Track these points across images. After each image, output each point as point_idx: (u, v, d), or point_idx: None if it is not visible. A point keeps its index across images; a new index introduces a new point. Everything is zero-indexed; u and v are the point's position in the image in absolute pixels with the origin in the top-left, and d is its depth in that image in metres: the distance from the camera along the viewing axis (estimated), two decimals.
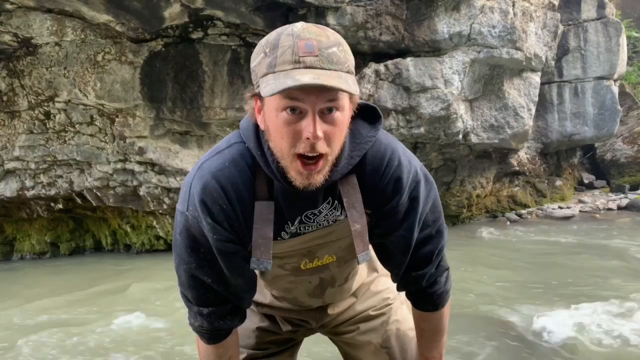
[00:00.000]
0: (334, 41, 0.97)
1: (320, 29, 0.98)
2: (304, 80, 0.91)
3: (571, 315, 3.79)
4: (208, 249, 1.10)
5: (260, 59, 0.99)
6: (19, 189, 7.36)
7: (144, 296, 5.19)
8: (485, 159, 8.44)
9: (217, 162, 1.09)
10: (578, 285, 4.76)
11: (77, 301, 5.16)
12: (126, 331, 4.06)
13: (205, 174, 1.08)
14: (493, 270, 5.54)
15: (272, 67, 0.95)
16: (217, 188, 1.06)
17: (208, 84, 6.66)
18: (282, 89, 0.91)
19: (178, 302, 4.75)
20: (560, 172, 10.63)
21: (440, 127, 6.97)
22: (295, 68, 0.93)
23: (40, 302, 5.14)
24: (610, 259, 5.77)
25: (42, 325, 4.38)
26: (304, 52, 0.93)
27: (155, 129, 6.85)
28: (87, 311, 4.78)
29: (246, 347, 1.44)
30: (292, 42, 0.94)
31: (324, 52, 0.94)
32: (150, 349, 3.64)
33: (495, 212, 9.39)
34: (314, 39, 0.95)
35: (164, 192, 7.21)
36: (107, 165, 7.07)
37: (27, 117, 6.97)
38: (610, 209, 9.63)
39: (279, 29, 1.00)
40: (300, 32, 0.95)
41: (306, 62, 0.93)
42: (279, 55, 0.94)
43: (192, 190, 1.08)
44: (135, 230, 8.02)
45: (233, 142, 1.11)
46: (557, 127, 9.53)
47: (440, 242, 1.25)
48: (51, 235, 8.20)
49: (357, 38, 6.54)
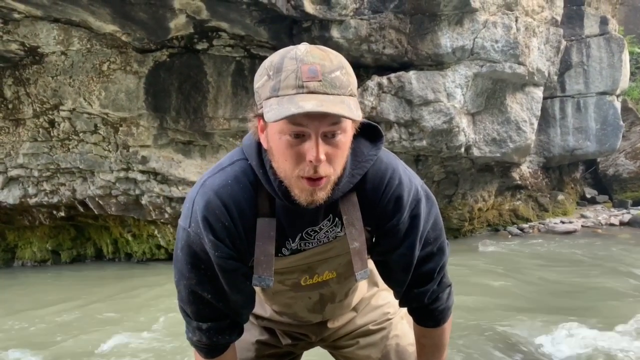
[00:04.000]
0: (337, 65, 0.97)
1: (323, 51, 0.98)
2: (308, 108, 0.92)
3: (573, 332, 3.77)
4: (209, 265, 1.11)
5: (263, 81, 0.99)
6: (22, 196, 7.38)
7: (142, 307, 5.17)
8: (487, 173, 8.44)
9: (220, 180, 1.10)
10: (579, 301, 4.74)
11: (75, 310, 5.14)
12: (123, 342, 4.05)
13: (208, 191, 1.09)
14: (494, 285, 5.52)
15: (276, 90, 0.96)
16: (219, 205, 1.07)
17: (212, 94, 6.70)
18: (286, 116, 0.92)
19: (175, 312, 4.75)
20: (562, 187, 10.62)
21: (443, 141, 6.98)
22: (299, 93, 0.94)
23: (37, 310, 5.13)
24: (612, 276, 5.74)
25: (37, 333, 4.37)
26: (308, 77, 0.94)
27: (158, 138, 6.88)
28: (84, 320, 4.76)
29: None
30: (295, 67, 0.95)
31: (327, 76, 0.95)
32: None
33: (497, 226, 9.37)
34: (317, 63, 0.95)
35: (165, 202, 7.22)
36: (109, 174, 7.09)
37: (32, 125, 7.02)
38: (613, 224, 9.60)
39: (282, 50, 1.00)
40: (304, 56, 0.95)
41: (309, 87, 0.94)
42: (283, 79, 0.95)
43: (195, 207, 1.09)
44: (137, 239, 8.02)
45: (236, 160, 1.12)
46: (559, 141, 9.54)
47: (441, 259, 1.26)
48: (52, 243, 8.21)
49: (361, 51, 6.59)
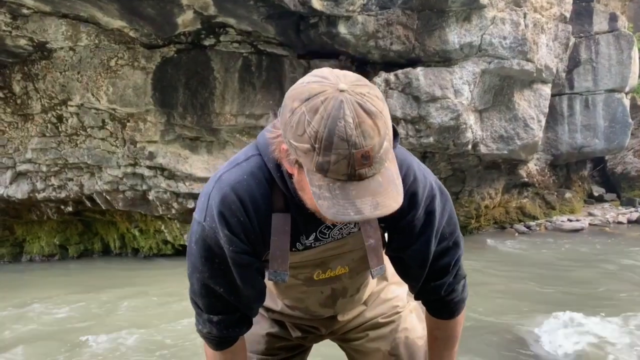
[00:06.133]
0: (383, 132, 0.90)
1: (373, 118, 0.88)
2: (366, 213, 0.90)
3: (579, 328, 3.77)
4: (223, 259, 1.11)
5: (305, 149, 0.89)
6: (30, 191, 7.43)
7: (147, 303, 5.20)
8: (494, 170, 8.41)
9: (236, 175, 1.09)
10: (587, 298, 4.72)
11: (80, 305, 5.17)
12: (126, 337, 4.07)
13: (224, 186, 1.08)
14: (501, 282, 5.51)
15: (324, 170, 0.90)
16: (235, 200, 1.07)
17: (219, 90, 6.71)
18: (343, 219, 0.90)
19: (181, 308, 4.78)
20: (569, 185, 10.56)
21: (450, 137, 6.96)
22: (351, 180, 0.90)
23: (43, 304, 5.16)
24: (620, 273, 5.72)
25: (42, 327, 4.40)
26: (360, 164, 0.89)
27: (165, 134, 6.90)
28: (90, 315, 4.79)
29: (256, 352, 1.45)
30: (347, 152, 0.87)
31: (377, 156, 0.90)
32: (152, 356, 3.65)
33: (504, 223, 9.34)
34: (369, 146, 0.88)
35: (172, 197, 7.25)
36: (117, 169, 7.12)
37: (40, 120, 7.06)
38: (621, 222, 9.55)
39: (325, 109, 0.87)
40: (356, 137, 0.87)
41: (361, 174, 0.90)
42: (333, 162, 0.88)
43: (211, 201, 1.09)
44: (144, 234, 8.06)
45: (251, 155, 1.12)
46: (567, 139, 9.48)
47: (457, 252, 1.26)
48: (60, 238, 8.26)
49: (368, 47, 6.57)
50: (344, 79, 0.91)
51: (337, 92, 0.88)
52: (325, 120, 0.87)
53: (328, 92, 0.88)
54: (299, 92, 0.91)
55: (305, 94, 0.90)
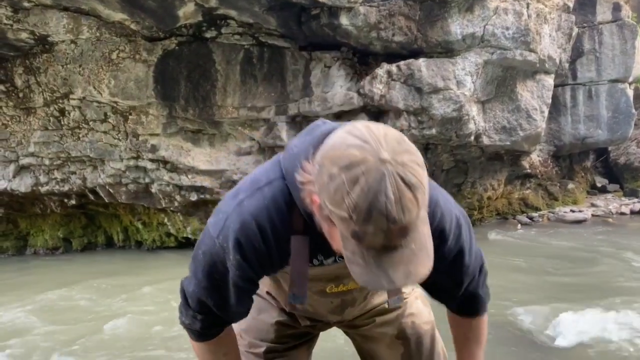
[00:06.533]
0: (422, 204, 0.88)
1: (412, 190, 0.85)
2: (398, 283, 0.90)
3: (583, 319, 3.77)
4: (223, 277, 1.12)
5: (342, 215, 0.87)
6: (33, 185, 7.45)
7: (151, 294, 5.23)
8: (497, 161, 8.40)
9: (258, 202, 1.08)
10: (590, 289, 4.73)
11: (85, 296, 5.21)
12: (130, 328, 4.11)
13: (245, 213, 1.07)
14: (504, 273, 5.51)
15: (360, 239, 0.89)
16: (254, 230, 1.07)
17: (221, 82, 6.70)
18: (375, 289, 0.93)
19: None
20: (572, 176, 10.55)
21: (452, 129, 6.95)
22: (386, 251, 0.89)
23: (48, 296, 5.20)
24: (623, 264, 5.72)
25: (47, 318, 4.44)
26: (396, 237, 0.88)
27: (167, 127, 6.91)
28: (94, 305, 4.83)
29: (266, 340, 1.47)
30: (385, 227, 0.86)
31: (413, 229, 0.89)
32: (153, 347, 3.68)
33: (506, 215, 9.34)
34: (407, 221, 0.86)
35: (175, 190, 7.27)
36: (119, 163, 7.14)
37: (43, 113, 7.07)
38: (623, 213, 9.54)
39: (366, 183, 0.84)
40: (396, 213, 0.85)
41: (396, 245, 0.89)
42: (370, 233, 0.87)
43: (229, 223, 1.08)
44: (147, 227, 8.09)
45: (273, 179, 1.09)
46: (570, 129, 9.45)
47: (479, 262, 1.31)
48: (64, 231, 8.29)
49: (370, 38, 6.55)
50: (385, 143, 0.86)
51: (379, 162, 0.84)
52: (366, 193, 0.84)
53: (369, 162, 0.84)
54: (337, 157, 0.87)
55: (345, 160, 0.85)
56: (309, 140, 1.03)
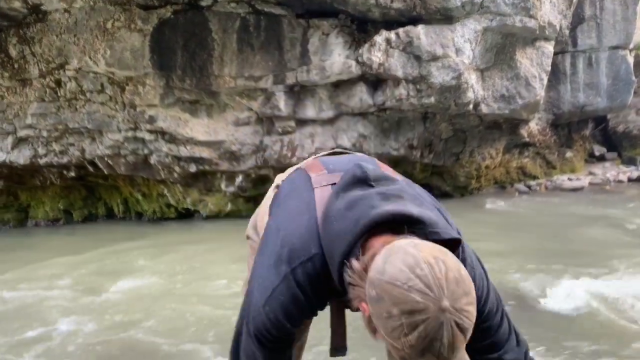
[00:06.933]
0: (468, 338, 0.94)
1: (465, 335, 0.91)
2: None
3: (581, 285, 3.83)
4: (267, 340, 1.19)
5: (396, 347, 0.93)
6: (32, 157, 7.45)
7: (149, 262, 5.31)
8: (496, 130, 8.38)
9: (303, 278, 1.13)
10: (587, 255, 4.79)
11: (85, 265, 5.28)
12: (130, 294, 4.18)
13: (292, 288, 1.13)
14: (501, 241, 5.58)
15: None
16: (302, 300, 1.14)
17: (217, 52, 6.63)
18: None
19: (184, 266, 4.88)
20: (571, 144, 10.55)
21: (451, 97, 6.91)
22: None
23: (50, 266, 5.27)
24: (619, 231, 5.79)
25: (49, 287, 4.51)
26: None
27: (165, 97, 6.87)
28: (95, 274, 4.90)
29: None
30: None
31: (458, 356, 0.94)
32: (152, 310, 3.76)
33: (504, 183, 9.38)
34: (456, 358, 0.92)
35: (174, 161, 7.27)
36: (118, 134, 7.12)
37: (39, 85, 7.01)
38: (621, 181, 9.59)
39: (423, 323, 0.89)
40: (447, 355, 0.91)
41: None
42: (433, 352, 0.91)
43: (276, 294, 1.14)
44: (147, 198, 8.12)
45: (313, 255, 1.13)
46: (569, 97, 9.40)
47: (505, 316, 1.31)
48: (64, 203, 8.33)
49: (368, 5, 6.45)
50: (446, 289, 0.89)
51: (439, 311, 0.88)
52: (423, 339, 0.88)
53: (431, 311, 0.88)
54: (399, 299, 0.89)
55: (407, 306, 0.89)
56: (351, 222, 1.04)
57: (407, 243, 0.96)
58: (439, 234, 1.04)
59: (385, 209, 1.03)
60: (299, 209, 1.22)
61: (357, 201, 1.08)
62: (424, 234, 1.02)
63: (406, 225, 1.02)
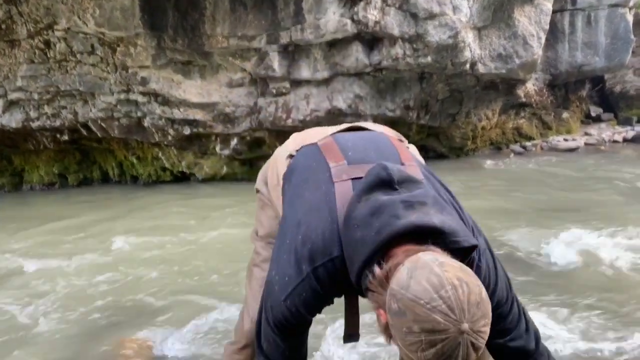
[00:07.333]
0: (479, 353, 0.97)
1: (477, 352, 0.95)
2: None
3: (576, 241, 3.89)
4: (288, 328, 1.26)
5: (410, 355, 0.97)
6: (24, 120, 7.37)
7: (146, 223, 5.33)
8: (492, 90, 8.32)
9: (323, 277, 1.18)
10: (581, 213, 4.84)
11: (80, 228, 5.29)
12: (128, 257, 4.20)
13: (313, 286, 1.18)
14: (496, 199, 5.62)
15: None
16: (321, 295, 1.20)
17: (209, 11, 6.48)
18: None
19: (180, 225, 4.91)
20: (567, 105, 10.51)
21: (448, 57, 6.82)
22: None
23: (45, 230, 5.28)
24: (613, 189, 5.83)
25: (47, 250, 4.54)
26: None
27: (157, 58, 6.74)
28: (90, 237, 4.91)
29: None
30: None
31: None
32: (148, 269, 3.80)
33: (500, 144, 9.39)
34: None
35: (168, 124, 7.21)
36: (110, 96, 7.03)
37: (27, 46, 6.86)
38: (616, 141, 9.61)
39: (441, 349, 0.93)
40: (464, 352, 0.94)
41: None
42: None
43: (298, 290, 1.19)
44: (141, 161, 8.09)
45: (335, 257, 1.16)
46: (567, 57, 9.31)
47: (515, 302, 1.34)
48: (59, 167, 8.29)
49: None
50: (467, 312, 0.92)
51: (458, 333, 0.91)
52: (439, 356, 0.92)
53: (450, 332, 0.91)
54: (421, 317, 0.92)
55: (428, 325, 0.92)
56: (374, 231, 1.06)
57: (432, 260, 0.97)
58: (459, 242, 1.07)
59: (409, 219, 1.05)
60: (319, 204, 1.23)
61: (381, 208, 1.08)
62: (445, 243, 1.05)
63: (428, 235, 1.05)
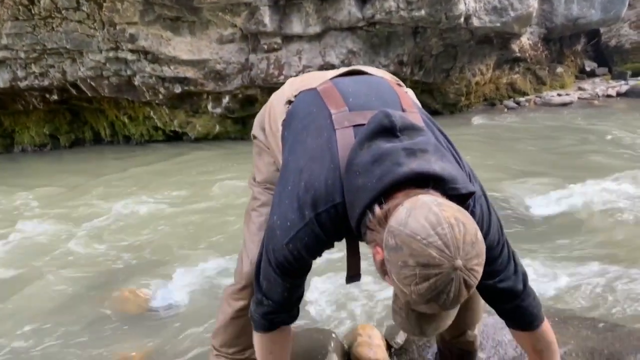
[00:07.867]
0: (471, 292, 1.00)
1: (468, 290, 0.97)
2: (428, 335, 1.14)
3: (568, 192, 3.98)
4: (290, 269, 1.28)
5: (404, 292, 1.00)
6: (12, 80, 7.24)
7: (138, 183, 5.34)
8: (487, 45, 8.23)
9: (324, 222, 1.19)
10: (573, 165, 4.91)
11: (76, 189, 5.30)
12: (124, 215, 4.23)
13: (316, 232, 1.19)
14: (490, 153, 5.67)
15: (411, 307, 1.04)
16: (323, 239, 1.21)
17: None
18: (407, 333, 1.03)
19: (177, 182, 4.93)
20: (562, 59, 10.42)
21: (442, 10, 6.70)
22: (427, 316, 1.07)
23: (39, 191, 5.26)
24: (604, 142, 5.88)
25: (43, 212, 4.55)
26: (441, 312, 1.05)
27: (145, 14, 6.59)
28: (86, 198, 4.93)
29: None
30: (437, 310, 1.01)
31: None
32: (144, 226, 3.84)
33: (494, 100, 9.35)
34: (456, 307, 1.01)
35: (158, 82, 7.11)
36: (98, 54, 6.89)
37: (11, 2, 6.65)
38: (610, 95, 9.59)
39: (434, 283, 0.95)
40: (449, 305, 0.98)
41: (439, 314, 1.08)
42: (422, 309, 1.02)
43: (300, 235, 1.20)
44: (133, 121, 8.02)
45: (337, 203, 1.17)
46: (562, 10, 9.16)
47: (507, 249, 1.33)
48: (49, 127, 8.20)
49: None
50: (461, 249, 0.94)
51: (452, 269, 0.94)
52: (432, 291, 0.95)
53: (444, 267, 0.94)
54: (417, 252, 0.94)
55: (423, 259, 0.94)
56: (376, 178, 1.07)
57: (431, 200, 0.99)
58: (458, 189, 1.09)
59: (410, 167, 1.06)
60: (321, 151, 1.23)
61: (382, 156, 1.09)
62: (444, 189, 1.07)
63: (429, 182, 1.07)
